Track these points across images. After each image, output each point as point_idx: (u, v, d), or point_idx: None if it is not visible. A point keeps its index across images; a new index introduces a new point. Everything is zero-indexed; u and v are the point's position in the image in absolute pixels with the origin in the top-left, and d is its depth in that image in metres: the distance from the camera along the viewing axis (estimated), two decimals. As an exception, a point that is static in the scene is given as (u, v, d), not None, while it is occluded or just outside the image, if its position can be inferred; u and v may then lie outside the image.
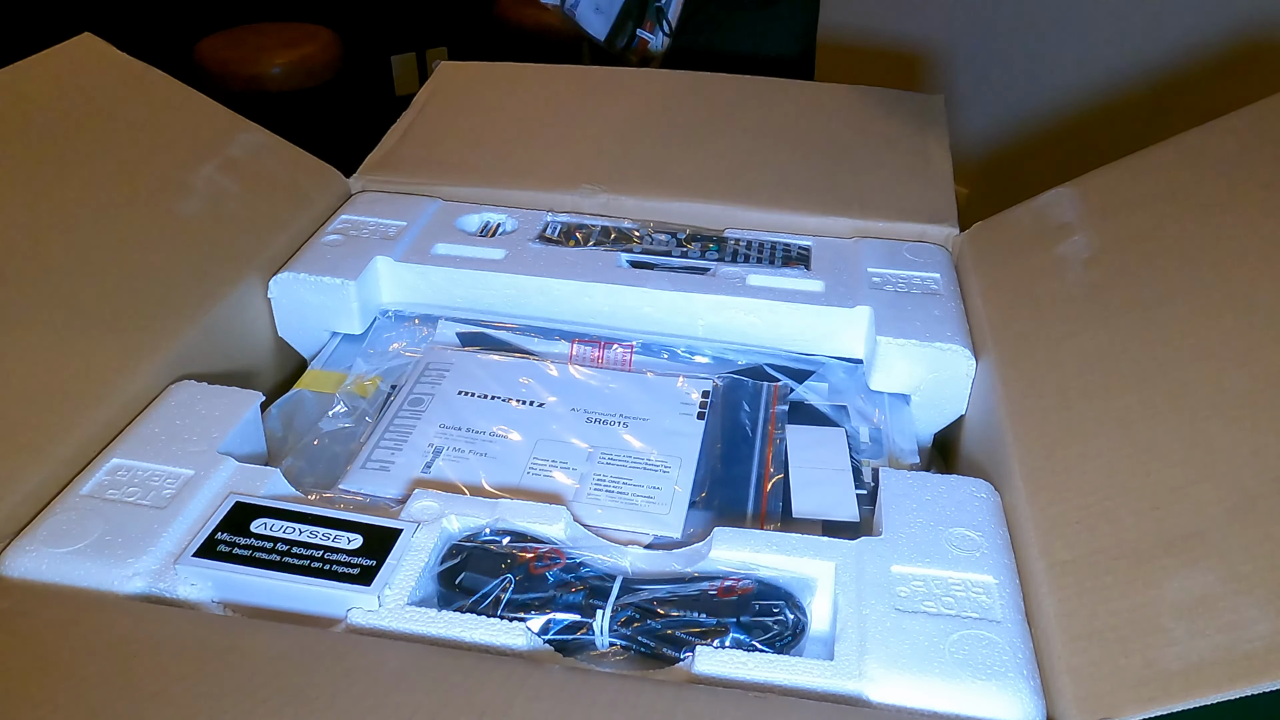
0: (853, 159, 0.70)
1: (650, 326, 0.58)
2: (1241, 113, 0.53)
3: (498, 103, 0.77)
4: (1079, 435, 0.44)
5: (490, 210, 0.66)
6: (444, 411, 0.52)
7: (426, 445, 0.50)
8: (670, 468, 0.49)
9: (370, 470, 0.49)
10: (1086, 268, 0.52)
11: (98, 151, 0.58)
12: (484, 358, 0.57)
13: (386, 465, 0.49)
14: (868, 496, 0.49)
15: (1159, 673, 0.34)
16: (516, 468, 0.49)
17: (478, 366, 0.56)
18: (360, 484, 0.48)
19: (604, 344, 0.58)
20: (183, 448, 0.46)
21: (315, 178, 0.66)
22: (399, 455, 0.49)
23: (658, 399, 0.54)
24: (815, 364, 0.57)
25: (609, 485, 0.48)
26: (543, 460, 0.50)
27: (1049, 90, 1.49)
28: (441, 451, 0.50)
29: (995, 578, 0.41)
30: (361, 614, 0.39)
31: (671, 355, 0.58)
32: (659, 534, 0.46)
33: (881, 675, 0.37)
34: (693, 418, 0.53)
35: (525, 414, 0.52)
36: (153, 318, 0.51)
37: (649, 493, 0.48)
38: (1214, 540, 0.36)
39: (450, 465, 0.49)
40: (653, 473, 0.49)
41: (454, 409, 0.53)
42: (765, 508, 0.48)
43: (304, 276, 0.58)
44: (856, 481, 0.49)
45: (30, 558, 0.40)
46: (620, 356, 0.57)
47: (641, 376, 0.56)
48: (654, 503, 0.47)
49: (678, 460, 0.50)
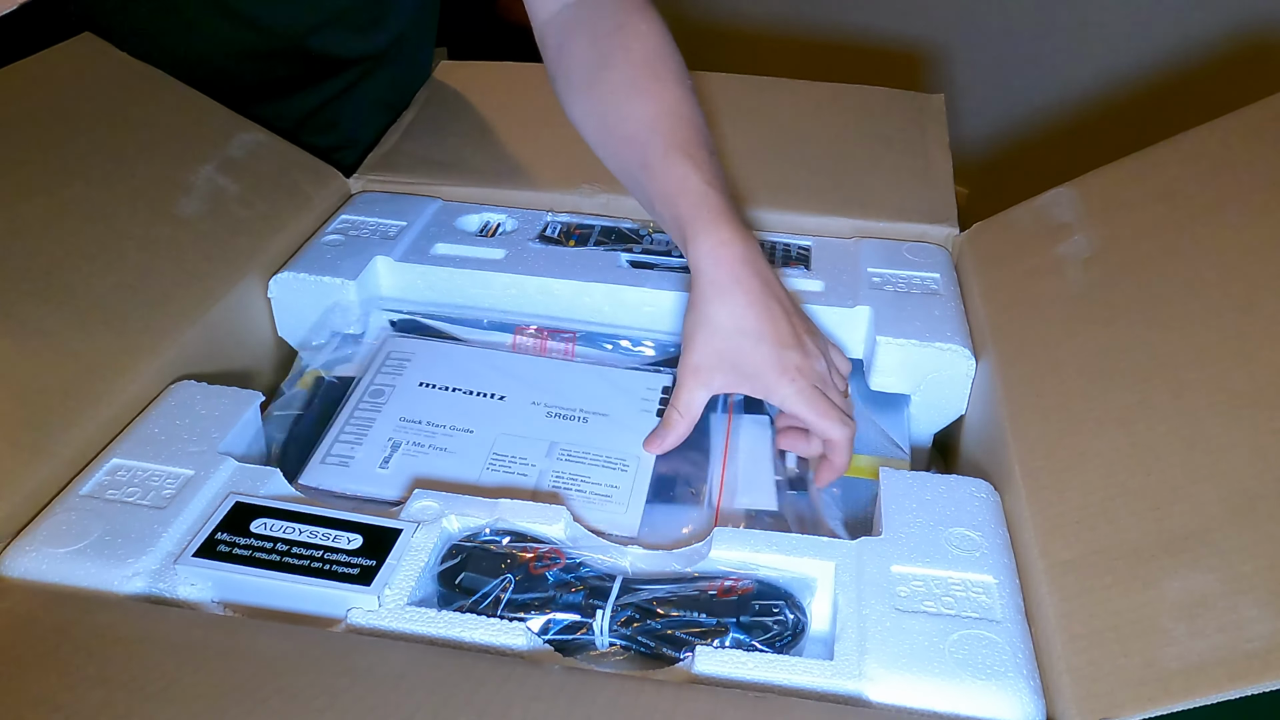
0: (853, 159, 0.70)
1: (651, 326, 0.58)
2: (1241, 113, 0.53)
3: (498, 103, 0.77)
4: (1079, 435, 0.44)
5: (490, 210, 0.66)
6: (404, 404, 0.52)
7: (385, 440, 0.50)
8: (629, 465, 0.49)
9: (330, 465, 0.48)
10: (1086, 268, 0.52)
11: (98, 151, 0.58)
12: (447, 347, 0.57)
13: (346, 460, 0.49)
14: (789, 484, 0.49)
15: (1159, 673, 0.34)
16: (475, 464, 0.49)
17: (437, 357, 0.55)
18: (319, 480, 0.48)
19: (546, 333, 0.57)
20: (183, 448, 0.46)
21: (315, 178, 0.66)
22: (358, 450, 0.49)
23: (618, 394, 0.54)
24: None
25: (567, 482, 0.48)
26: (502, 455, 0.49)
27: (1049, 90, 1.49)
28: (400, 446, 0.50)
29: (995, 577, 0.41)
30: (361, 614, 0.39)
31: (615, 347, 0.58)
32: (616, 532, 0.46)
33: (881, 675, 0.37)
34: (652, 414, 0.53)
35: (486, 407, 0.52)
36: (153, 318, 0.51)
37: (607, 491, 0.48)
38: (1214, 540, 0.36)
39: (408, 460, 0.49)
40: (611, 470, 0.49)
41: (414, 401, 0.52)
42: (720, 502, 0.49)
43: (304, 276, 0.58)
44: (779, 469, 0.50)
45: (30, 558, 0.40)
46: (563, 348, 0.57)
47: (603, 369, 0.56)
48: (611, 501, 0.47)
49: (636, 458, 0.50)
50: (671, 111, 0.53)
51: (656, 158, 0.52)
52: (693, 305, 0.50)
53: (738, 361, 0.49)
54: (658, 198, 0.52)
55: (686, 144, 0.52)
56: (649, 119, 0.53)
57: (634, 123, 0.54)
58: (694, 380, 0.50)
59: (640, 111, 0.54)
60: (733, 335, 0.49)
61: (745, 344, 0.49)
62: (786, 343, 0.49)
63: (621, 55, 0.55)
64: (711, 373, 0.49)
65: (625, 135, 0.54)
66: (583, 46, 0.57)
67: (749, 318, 0.48)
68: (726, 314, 0.49)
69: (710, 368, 0.49)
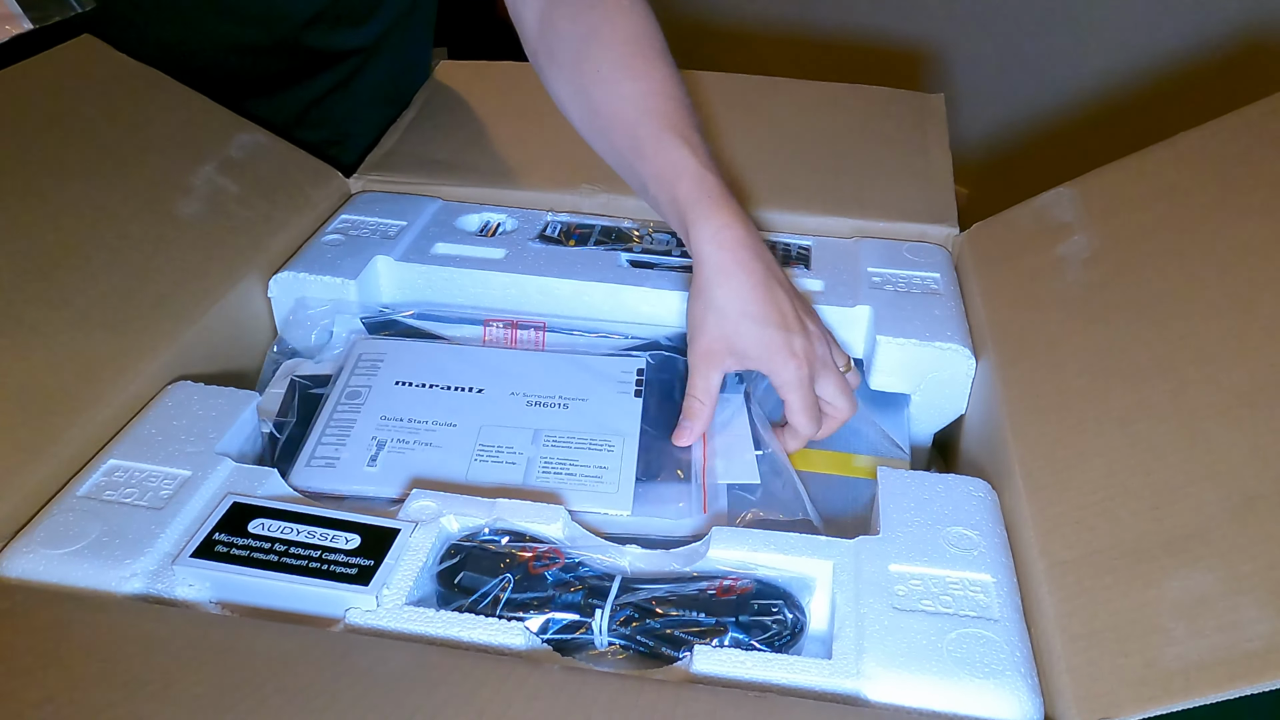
0: (853, 159, 0.70)
1: (651, 325, 0.58)
2: (1241, 113, 0.53)
3: (498, 103, 0.78)
4: (1079, 435, 0.44)
5: (490, 210, 0.66)
6: (383, 403, 0.52)
7: (369, 439, 0.50)
8: (614, 446, 0.50)
9: (315, 467, 0.48)
10: (1086, 268, 0.51)
11: (98, 151, 0.58)
12: (417, 345, 0.57)
13: (331, 461, 0.49)
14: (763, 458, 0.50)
15: (1159, 672, 0.34)
16: (463, 455, 0.49)
17: (412, 355, 0.55)
18: (307, 481, 0.48)
19: (516, 324, 0.58)
20: (180, 448, 0.46)
21: (315, 178, 0.66)
22: (343, 450, 0.49)
23: (594, 378, 0.54)
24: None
25: (556, 467, 0.48)
26: (488, 446, 0.50)
27: (1049, 90, 1.49)
28: (385, 444, 0.49)
29: (993, 576, 0.41)
30: (359, 614, 0.39)
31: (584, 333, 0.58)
32: (610, 512, 0.46)
33: (880, 674, 0.37)
34: (630, 395, 0.53)
35: (466, 400, 0.52)
36: (152, 318, 0.51)
37: (596, 472, 0.48)
38: (1214, 540, 0.36)
39: (396, 457, 0.49)
40: (598, 452, 0.49)
41: (393, 400, 0.52)
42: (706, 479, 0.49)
43: (304, 276, 0.58)
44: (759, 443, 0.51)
45: (28, 559, 0.40)
46: (533, 337, 0.57)
47: (575, 357, 0.56)
48: (602, 482, 0.48)
49: (620, 438, 0.50)
50: (660, 91, 0.53)
51: (649, 139, 0.52)
52: (697, 291, 0.51)
53: (744, 344, 0.50)
54: (651, 179, 0.52)
55: (679, 125, 0.52)
56: (638, 98, 0.53)
57: (623, 102, 0.54)
58: (706, 365, 0.50)
59: (629, 90, 0.53)
60: (738, 319, 0.49)
61: (751, 328, 0.49)
62: (791, 326, 0.49)
63: (608, 31, 0.55)
64: (722, 356, 0.50)
65: (614, 115, 0.54)
66: (565, 22, 0.57)
67: (754, 301, 0.49)
68: (732, 298, 0.49)
69: (720, 351, 0.50)
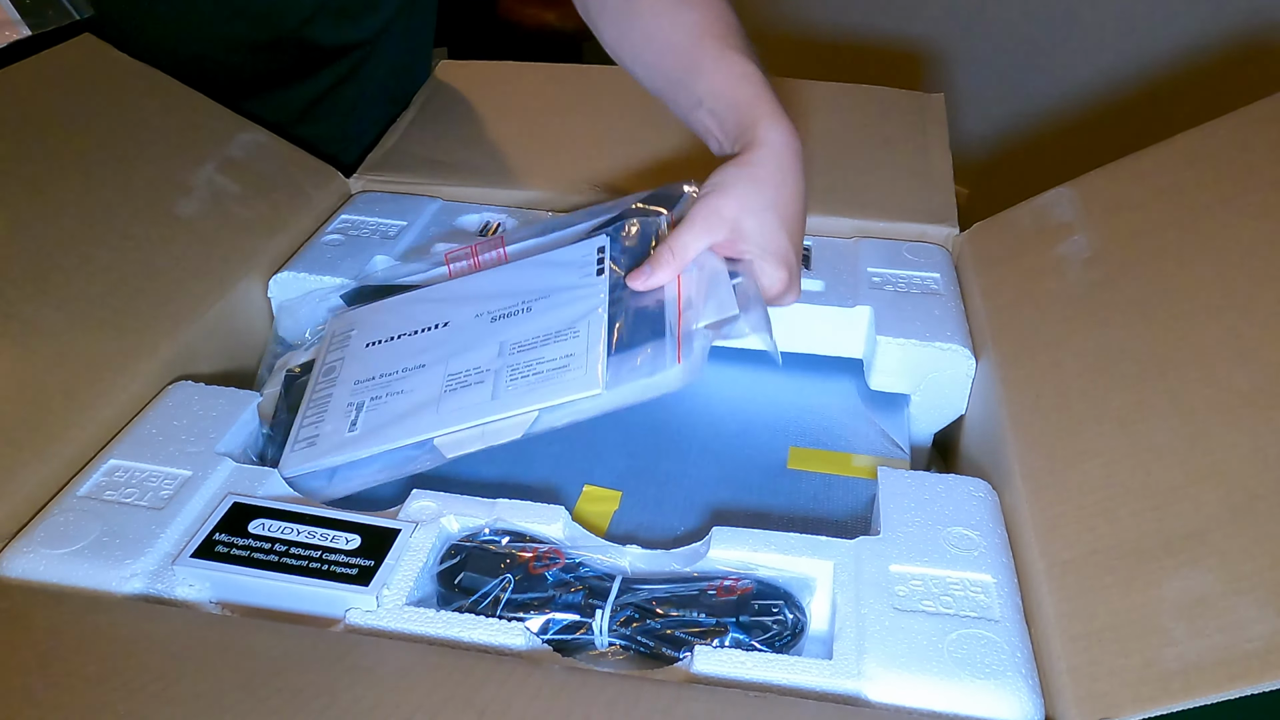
0: (853, 159, 0.70)
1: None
2: (1241, 113, 0.53)
3: (498, 103, 0.77)
4: (1079, 435, 0.44)
5: (490, 210, 0.66)
6: (356, 369, 0.52)
7: (346, 406, 0.50)
8: (579, 330, 0.49)
9: (300, 449, 0.48)
10: (1086, 268, 0.51)
11: (98, 151, 0.58)
12: (383, 304, 0.56)
13: (313, 440, 0.48)
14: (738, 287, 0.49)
15: (1159, 673, 0.34)
16: (433, 391, 0.48)
17: (378, 315, 0.55)
18: (295, 466, 0.47)
19: (475, 249, 0.57)
20: (180, 448, 0.46)
21: (315, 178, 0.66)
22: (323, 425, 0.49)
23: (556, 270, 0.53)
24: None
25: (523, 370, 0.48)
26: (456, 374, 0.49)
27: (1049, 90, 1.49)
28: (363, 406, 0.49)
29: (993, 577, 0.41)
30: (360, 614, 0.39)
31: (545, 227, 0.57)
32: (582, 395, 0.45)
33: (880, 674, 0.37)
34: (593, 275, 0.52)
35: (431, 339, 0.52)
36: (152, 318, 0.51)
37: (563, 362, 0.47)
38: (1214, 540, 0.36)
39: (372, 415, 0.48)
40: (563, 342, 0.48)
41: (365, 363, 0.52)
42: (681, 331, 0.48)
43: (304, 276, 0.58)
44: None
45: (28, 559, 0.40)
46: (495, 255, 0.57)
47: (536, 257, 0.55)
48: (569, 369, 0.47)
49: (585, 321, 0.49)
50: (720, 18, 0.54)
51: (709, 57, 0.53)
52: (744, 161, 0.50)
53: (752, 228, 0.49)
54: (709, 95, 0.52)
55: (741, 46, 0.53)
56: (695, 25, 0.54)
57: (681, 29, 0.54)
58: (703, 225, 0.49)
59: (687, 19, 0.54)
60: (767, 211, 0.49)
61: (771, 220, 0.49)
62: (797, 242, 0.51)
63: None
64: (724, 225, 0.49)
65: (668, 41, 0.54)
66: None
67: (791, 207, 0.50)
68: (775, 192, 0.49)
69: (726, 219, 0.49)
